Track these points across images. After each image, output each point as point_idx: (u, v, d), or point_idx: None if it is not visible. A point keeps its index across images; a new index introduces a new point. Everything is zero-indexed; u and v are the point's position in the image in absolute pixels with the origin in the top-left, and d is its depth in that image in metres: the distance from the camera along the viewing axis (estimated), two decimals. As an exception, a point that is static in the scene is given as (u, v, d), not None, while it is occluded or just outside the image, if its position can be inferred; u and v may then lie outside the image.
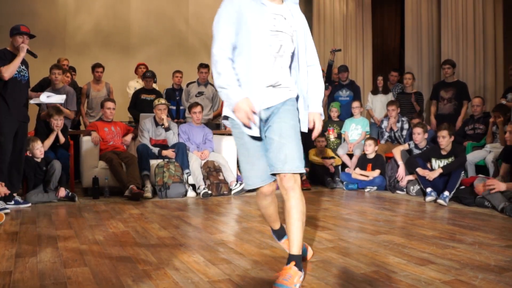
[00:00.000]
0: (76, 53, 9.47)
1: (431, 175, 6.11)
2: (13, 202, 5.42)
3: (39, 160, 5.91)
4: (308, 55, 3.03)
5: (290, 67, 2.93)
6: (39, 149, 5.91)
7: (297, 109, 2.90)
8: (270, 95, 2.79)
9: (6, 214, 4.97)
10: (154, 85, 8.40)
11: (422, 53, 9.77)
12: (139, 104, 7.97)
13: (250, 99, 2.63)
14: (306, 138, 3.08)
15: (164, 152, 6.73)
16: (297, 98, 2.92)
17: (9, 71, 5.16)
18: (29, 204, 5.60)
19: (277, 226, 3.24)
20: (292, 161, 2.71)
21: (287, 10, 2.87)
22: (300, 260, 2.77)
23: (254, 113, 2.63)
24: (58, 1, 9.70)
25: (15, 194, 5.56)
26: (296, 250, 2.77)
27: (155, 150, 6.77)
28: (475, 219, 4.85)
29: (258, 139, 2.80)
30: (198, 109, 7.25)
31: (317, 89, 3.01)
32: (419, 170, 6.24)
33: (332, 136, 8.37)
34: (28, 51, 5.35)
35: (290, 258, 2.76)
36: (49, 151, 6.31)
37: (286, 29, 2.81)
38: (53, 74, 6.86)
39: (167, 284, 2.77)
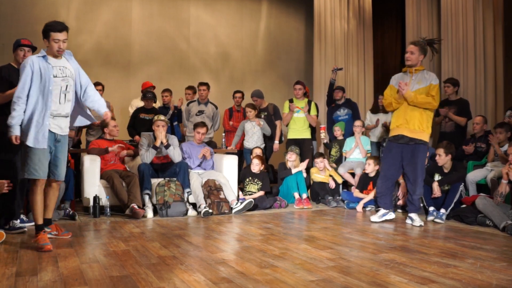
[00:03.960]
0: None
1: (439, 192, 6.11)
2: (18, 221, 5.40)
3: None
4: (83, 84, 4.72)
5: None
6: None
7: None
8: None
9: (23, 233, 4.98)
10: (154, 105, 8.42)
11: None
12: (138, 123, 7.99)
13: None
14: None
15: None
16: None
17: (7, 96, 4.87)
18: (33, 223, 5.56)
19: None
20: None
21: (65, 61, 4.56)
22: None
23: None
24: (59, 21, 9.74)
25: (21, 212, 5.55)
26: None
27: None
28: (476, 238, 4.83)
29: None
30: (203, 130, 7.27)
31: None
32: (435, 186, 6.20)
33: (323, 134, 8.44)
34: None
35: None
36: (68, 168, 6.37)
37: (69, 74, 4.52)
38: None
39: (168, 303, 2.76)
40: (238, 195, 7.02)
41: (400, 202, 6.74)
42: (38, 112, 4.30)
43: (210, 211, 6.36)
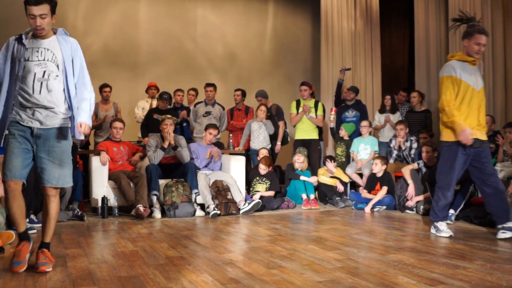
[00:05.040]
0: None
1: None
2: (27, 220, 5.42)
3: None
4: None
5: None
6: None
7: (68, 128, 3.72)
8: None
9: (33, 234, 4.99)
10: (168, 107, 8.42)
11: (431, 72, 9.75)
12: (151, 124, 7.99)
13: None
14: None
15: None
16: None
17: None
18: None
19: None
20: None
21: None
22: None
23: None
24: (67, 23, 9.81)
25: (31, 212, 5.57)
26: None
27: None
28: (485, 239, 4.80)
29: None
30: (215, 132, 7.29)
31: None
32: None
33: (332, 116, 8.51)
34: None
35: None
36: (77, 169, 6.50)
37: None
38: None
39: (176, 304, 2.77)
40: (246, 196, 7.01)
41: (408, 203, 6.71)
42: (2, 102, 3.61)
43: (218, 212, 6.36)
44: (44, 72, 3.60)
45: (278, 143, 8.36)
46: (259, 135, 8.11)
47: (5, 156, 3.59)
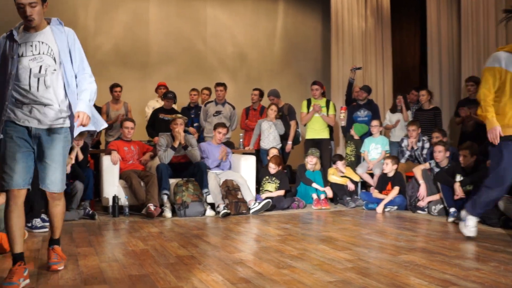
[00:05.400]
0: (96, 73, 9.49)
1: (461, 193, 6.01)
2: (39, 220, 5.45)
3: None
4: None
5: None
6: (69, 165, 5.98)
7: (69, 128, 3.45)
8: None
9: (45, 232, 5.02)
10: (173, 106, 8.45)
11: (442, 71, 9.69)
12: (157, 124, 8.00)
13: None
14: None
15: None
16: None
17: None
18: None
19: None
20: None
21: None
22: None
23: None
24: (78, 23, 9.86)
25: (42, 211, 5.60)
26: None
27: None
28: (499, 240, 4.76)
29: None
30: (224, 130, 7.28)
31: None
32: (457, 186, 6.12)
33: (342, 115, 8.47)
34: None
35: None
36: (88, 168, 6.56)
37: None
38: None
39: (186, 303, 2.77)
40: (256, 196, 7.01)
41: (420, 204, 6.67)
42: None
43: (228, 211, 6.36)
44: (41, 67, 3.30)
45: (289, 142, 8.34)
46: (269, 135, 8.10)
47: (2, 161, 3.23)
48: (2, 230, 4.36)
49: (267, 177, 7.36)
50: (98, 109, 8.19)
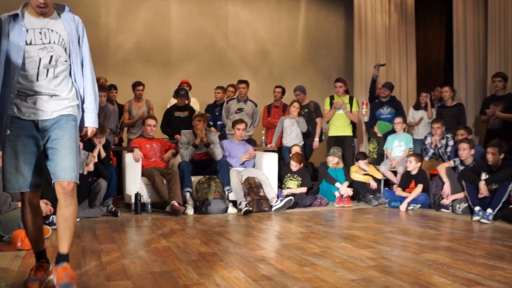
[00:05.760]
0: (118, 71, 9.65)
1: (486, 192, 5.92)
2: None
3: (85, 173, 6.00)
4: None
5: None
6: (92, 163, 6.04)
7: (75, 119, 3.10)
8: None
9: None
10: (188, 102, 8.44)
11: (468, 67, 9.54)
12: (173, 122, 7.99)
13: None
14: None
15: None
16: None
17: None
18: (78, 219, 5.69)
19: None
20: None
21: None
22: None
23: None
24: (100, 21, 9.94)
25: None
26: None
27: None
28: (524, 239, 4.69)
29: None
30: (242, 126, 7.28)
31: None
32: (481, 185, 6.04)
33: (364, 110, 8.42)
34: None
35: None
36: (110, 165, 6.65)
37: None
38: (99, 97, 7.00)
39: (208, 300, 2.77)
40: (278, 193, 6.99)
41: (444, 202, 6.59)
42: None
43: (250, 209, 6.35)
44: (51, 57, 2.98)
45: (316, 139, 8.30)
46: (291, 132, 8.07)
47: (8, 161, 2.94)
48: None
49: (288, 174, 7.34)
50: (121, 107, 8.26)
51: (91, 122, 3.20)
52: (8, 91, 2.87)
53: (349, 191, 7.33)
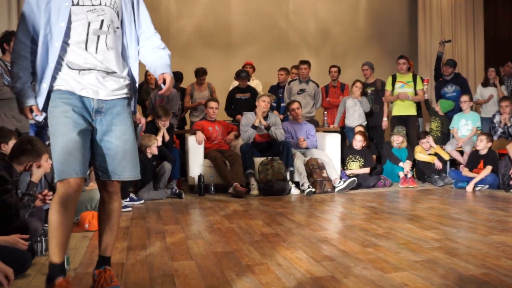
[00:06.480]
0: (180, 55, 9.76)
1: None
2: (128, 199, 5.68)
3: (149, 156, 6.15)
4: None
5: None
6: (156, 145, 6.18)
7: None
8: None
9: (128, 211, 5.22)
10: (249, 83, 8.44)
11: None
12: (235, 104, 8.04)
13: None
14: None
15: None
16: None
17: None
18: (142, 201, 5.86)
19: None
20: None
21: None
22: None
23: None
24: (160, 7, 10.07)
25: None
26: None
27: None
28: None
29: None
30: (295, 105, 7.29)
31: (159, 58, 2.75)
32: None
33: (425, 87, 8.20)
34: None
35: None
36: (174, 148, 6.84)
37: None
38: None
39: (270, 279, 2.80)
40: (342, 173, 6.94)
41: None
42: (39, 64, 2.50)
43: (313, 190, 6.35)
44: (102, 21, 2.53)
45: (385, 119, 8.14)
46: (354, 112, 7.96)
47: (55, 143, 2.43)
48: (94, 208, 4.61)
49: (351, 156, 7.26)
50: (183, 90, 8.37)
51: (167, 69, 2.72)
52: (46, 60, 2.47)
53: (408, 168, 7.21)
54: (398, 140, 7.42)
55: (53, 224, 2.39)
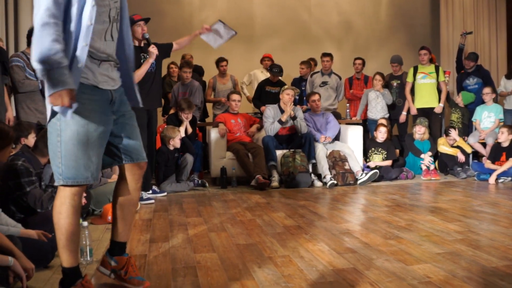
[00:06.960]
0: (202, 48, 9.78)
1: None
2: (151, 192, 5.75)
3: (172, 148, 6.21)
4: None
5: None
6: (179, 138, 6.23)
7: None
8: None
9: (151, 204, 5.29)
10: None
11: None
12: (263, 96, 8.06)
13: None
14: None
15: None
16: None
17: (137, 76, 5.06)
18: (165, 193, 5.92)
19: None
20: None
21: None
22: None
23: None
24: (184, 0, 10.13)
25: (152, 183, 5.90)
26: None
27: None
28: None
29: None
30: (316, 97, 7.27)
31: None
32: None
33: (447, 79, 8.10)
34: (147, 43, 5.40)
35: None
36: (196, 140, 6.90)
37: None
38: (184, 73, 7.20)
39: (292, 271, 2.83)
40: (364, 166, 6.93)
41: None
42: (69, 51, 2.19)
43: (335, 182, 6.35)
44: (116, 9, 2.39)
45: (404, 113, 8.07)
46: (376, 105, 7.93)
47: (78, 143, 2.25)
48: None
49: (373, 148, 7.24)
50: (204, 84, 8.41)
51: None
52: (85, 47, 2.21)
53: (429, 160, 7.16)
54: (420, 131, 7.38)
55: (69, 229, 2.30)
